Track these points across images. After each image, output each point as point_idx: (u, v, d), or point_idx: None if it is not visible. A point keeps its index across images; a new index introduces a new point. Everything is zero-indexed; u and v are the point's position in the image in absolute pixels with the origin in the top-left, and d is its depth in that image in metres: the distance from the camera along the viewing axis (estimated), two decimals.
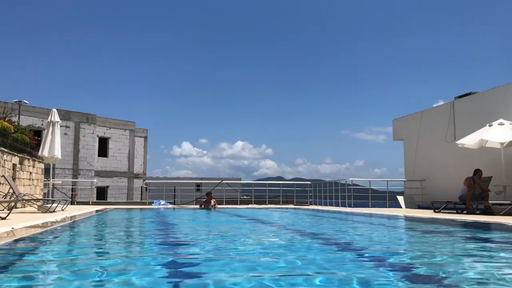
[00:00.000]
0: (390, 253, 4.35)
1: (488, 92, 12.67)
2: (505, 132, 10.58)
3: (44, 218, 8.00)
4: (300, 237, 5.89)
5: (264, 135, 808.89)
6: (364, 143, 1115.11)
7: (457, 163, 13.43)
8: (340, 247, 4.72)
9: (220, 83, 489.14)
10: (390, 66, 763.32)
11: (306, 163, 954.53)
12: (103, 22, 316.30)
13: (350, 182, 16.07)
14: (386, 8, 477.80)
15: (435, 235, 6.16)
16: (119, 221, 9.26)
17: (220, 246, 4.82)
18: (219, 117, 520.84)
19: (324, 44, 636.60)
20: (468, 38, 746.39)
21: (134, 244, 5.12)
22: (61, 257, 4.02)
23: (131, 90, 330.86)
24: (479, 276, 3.03)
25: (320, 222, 9.38)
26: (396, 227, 8.40)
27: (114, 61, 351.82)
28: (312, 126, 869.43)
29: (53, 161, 14.64)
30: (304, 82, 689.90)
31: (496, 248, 4.75)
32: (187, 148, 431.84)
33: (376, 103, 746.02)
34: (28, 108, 25.57)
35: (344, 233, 6.82)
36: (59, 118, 14.58)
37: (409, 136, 16.48)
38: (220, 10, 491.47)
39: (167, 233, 6.50)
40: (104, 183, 29.50)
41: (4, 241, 4.64)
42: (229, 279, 2.83)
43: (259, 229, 7.33)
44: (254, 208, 16.28)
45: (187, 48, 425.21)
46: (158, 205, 17.40)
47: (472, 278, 2.93)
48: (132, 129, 32.48)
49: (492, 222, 8.05)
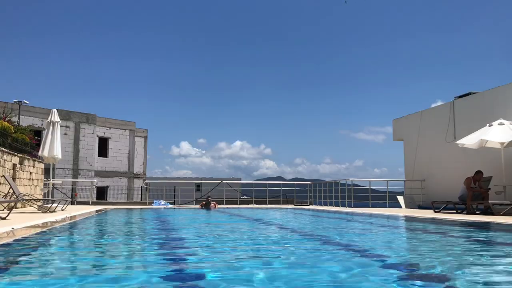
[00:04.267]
0: (390, 253, 4.35)
1: (488, 92, 12.67)
2: (505, 132, 10.59)
3: (44, 218, 8.00)
4: (300, 238, 5.89)
5: (263, 135, 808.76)
6: (363, 143, 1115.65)
7: (457, 163, 13.44)
8: (340, 247, 4.71)
9: (219, 83, 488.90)
10: (390, 66, 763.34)
11: (305, 163, 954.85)
12: (103, 22, 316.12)
13: (350, 182, 16.08)
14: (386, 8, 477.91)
15: (435, 235, 6.16)
16: (119, 221, 9.26)
17: (220, 246, 4.82)
18: (217, 117, 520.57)
19: (323, 44, 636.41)
20: (468, 38, 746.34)
21: (134, 244, 5.12)
22: (61, 257, 4.02)
23: (131, 90, 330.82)
24: (479, 276, 3.03)
25: (320, 222, 9.38)
26: (396, 227, 8.40)
27: (114, 61, 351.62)
28: (311, 126, 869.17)
29: (53, 161, 14.65)
30: (303, 82, 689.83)
31: (496, 248, 4.75)
32: (186, 148, 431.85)
33: (375, 103, 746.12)
34: (28, 108, 25.57)
35: (344, 233, 6.82)
36: (59, 118, 14.58)
37: (409, 136, 16.48)
38: (220, 10, 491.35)
39: (167, 233, 6.50)
40: (104, 183, 29.50)
41: (4, 241, 4.64)
42: (229, 279, 2.83)
43: (258, 229, 7.32)
44: (254, 208, 16.29)
45: (187, 48, 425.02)
46: (158, 205, 17.40)
47: (472, 278, 2.93)
48: (132, 129, 32.49)
49: (492, 222, 8.05)
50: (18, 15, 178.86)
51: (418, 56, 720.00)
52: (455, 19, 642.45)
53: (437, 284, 2.74)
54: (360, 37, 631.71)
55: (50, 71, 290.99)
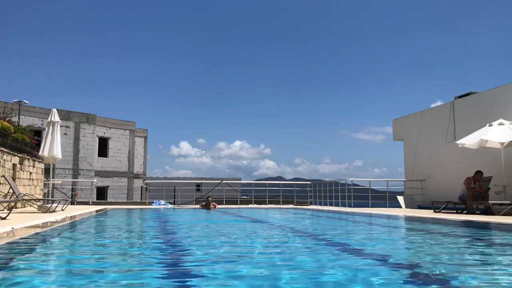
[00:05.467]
0: (390, 253, 4.35)
1: (488, 92, 12.67)
2: (505, 132, 10.59)
3: (44, 218, 8.00)
4: (300, 237, 5.89)
5: (262, 135, 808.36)
6: (363, 143, 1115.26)
7: (457, 163, 13.44)
8: (340, 247, 4.71)
9: (219, 83, 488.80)
10: (390, 66, 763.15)
11: (305, 163, 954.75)
12: (103, 22, 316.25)
13: (350, 182, 16.09)
14: (386, 8, 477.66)
15: (435, 235, 6.16)
16: (119, 221, 9.26)
17: (220, 246, 4.82)
18: (217, 117, 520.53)
19: (323, 44, 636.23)
20: (468, 38, 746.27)
21: (134, 244, 5.11)
22: (61, 257, 4.02)
23: (131, 90, 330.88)
24: (479, 276, 3.03)
25: (319, 222, 9.38)
26: (396, 227, 8.39)
27: (114, 61, 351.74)
28: (311, 126, 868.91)
29: (53, 161, 14.65)
30: (303, 82, 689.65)
31: (496, 248, 4.75)
32: (185, 148, 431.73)
33: (375, 103, 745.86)
34: (28, 108, 25.57)
35: (344, 233, 6.82)
36: (59, 118, 14.59)
37: (409, 136, 16.49)
38: (220, 10, 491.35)
39: (167, 234, 6.50)
40: (104, 183, 29.51)
41: (4, 241, 4.64)
42: (229, 280, 2.83)
43: (258, 229, 7.32)
44: (254, 208, 16.29)
45: (187, 48, 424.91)
46: (158, 205, 17.40)
47: (472, 278, 2.93)
48: (132, 129, 32.49)
49: (492, 222, 8.05)
50: (18, 15, 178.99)
51: (418, 56, 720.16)
52: (455, 19, 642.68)
53: (437, 284, 2.74)
54: (360, 37, 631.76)
55: (50, 71, 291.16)
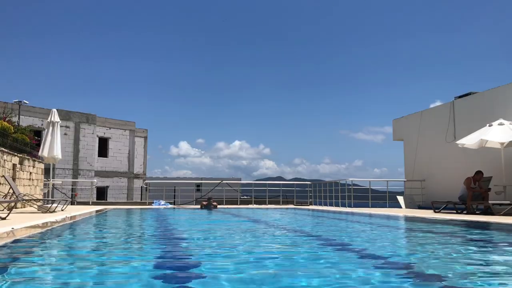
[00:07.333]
0: (390, 253, 4.35)
1: (488, 92, 12.67)
2: (505, 132, 10.59)
3: (44, 218, 8.00)
4: (300, 238, 5.88)
5: (262, 135, 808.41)
6: (363, 143, 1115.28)
7: (457, 163, 13.44)
8: (340, 247, 4.71)
9: (219, 83, 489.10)
10: (390, 66, 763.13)
11: (305, 163, 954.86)
12: (103, 22, 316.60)
13: (350, 182, 16.08)
14: (386, 8, 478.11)
15: (435, 235, 6.16)
16: (119, 221, 9.26)
17: (219, 246, 4.82)
18: (216, 117, 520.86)
19: (323, 44, 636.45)
20: (468, 38, 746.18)
21: (134, 244, 5.12)
22: (61, 257, 4.02)
23: (131, 90, 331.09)
24: (479, 276, 3.03)
25: (320, 222, 9.37)
26: (396, 227, 8.40)
27: (114, 61, 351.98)
28: (311, 126, 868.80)
29: (53, 161, 14.65)
30: (303, 82, 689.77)
31: (496, 248, 4.75)
32: (185, 148, 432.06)
33: (375, 103, 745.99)
34: (28, 108, 25.56)
35: (344, 233, 6.82)
36: (59, 118, 14.58)
37: (409, 136, 16.48)
38: (220, 10, 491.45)
39: (167, 234, 6.50)
40: (104, 183, 29.50)
41: (4, 241, 4.64)
42: (229, 280, 2.83)
43: (257, 229, 7.33)
44: (254, 208, 16.29)
45: (187, 48, 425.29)
46: (158, 205, 17.39)
47: (472, 278, 2.93)
48: (132, 129, 32.49)
49: (492, 222, 8.05)
50: (18, 15, 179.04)
51: (418, 56, 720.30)
52: (455, 19, 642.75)
53: (436, 284, 2.74)
54: (360, 37, 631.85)
55: (50, 71, 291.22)
